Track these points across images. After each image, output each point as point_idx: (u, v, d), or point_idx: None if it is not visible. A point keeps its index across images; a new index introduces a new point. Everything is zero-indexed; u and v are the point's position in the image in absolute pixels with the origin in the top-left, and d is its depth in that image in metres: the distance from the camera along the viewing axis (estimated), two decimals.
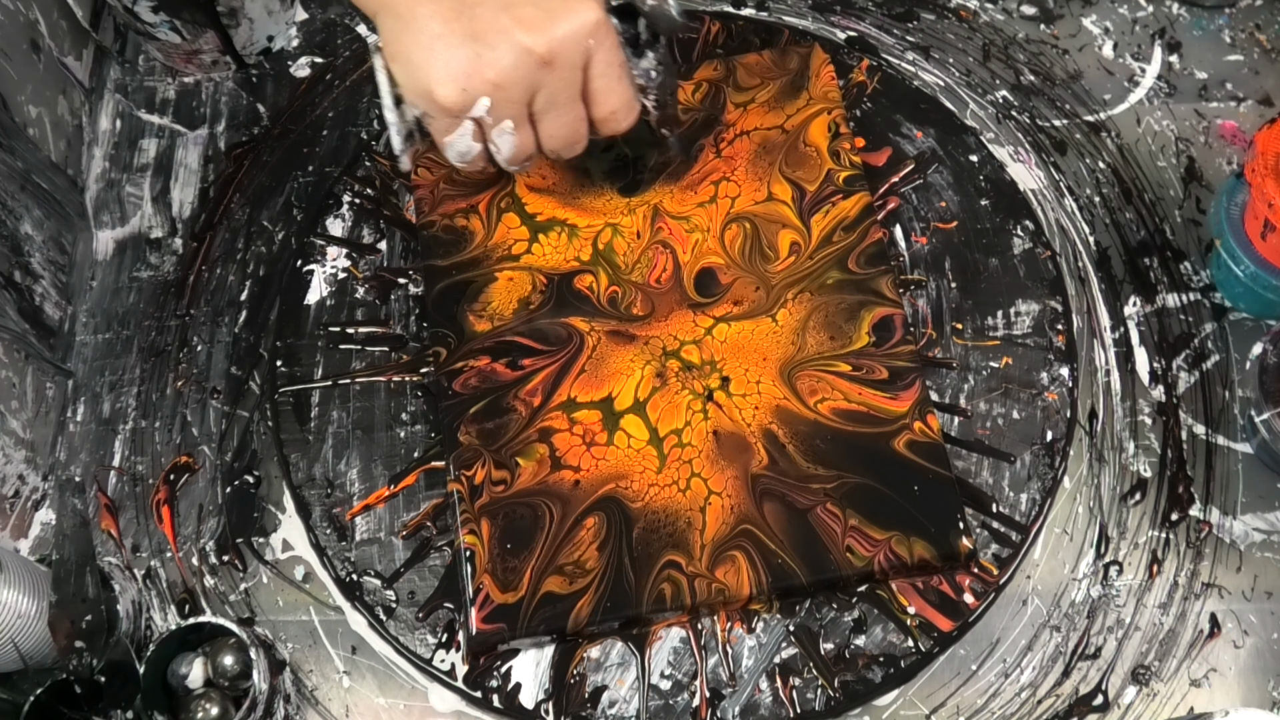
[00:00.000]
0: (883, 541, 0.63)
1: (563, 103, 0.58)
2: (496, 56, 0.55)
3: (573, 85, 0.57)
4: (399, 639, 0.65)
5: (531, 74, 0.55)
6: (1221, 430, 0.67)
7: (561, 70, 0.56)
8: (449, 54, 0.55)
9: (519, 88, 0.56)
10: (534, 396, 0.67)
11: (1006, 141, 0.76)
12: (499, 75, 0.55)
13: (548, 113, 0.58)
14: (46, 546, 0.68)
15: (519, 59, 0.55)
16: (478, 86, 0.55)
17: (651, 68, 0.62)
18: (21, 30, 0.74)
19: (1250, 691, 0.62)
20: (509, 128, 0.57)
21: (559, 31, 0.55)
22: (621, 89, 0.59)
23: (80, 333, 0.74)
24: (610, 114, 0.60)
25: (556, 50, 0.55)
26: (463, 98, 0.55)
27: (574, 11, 0.55)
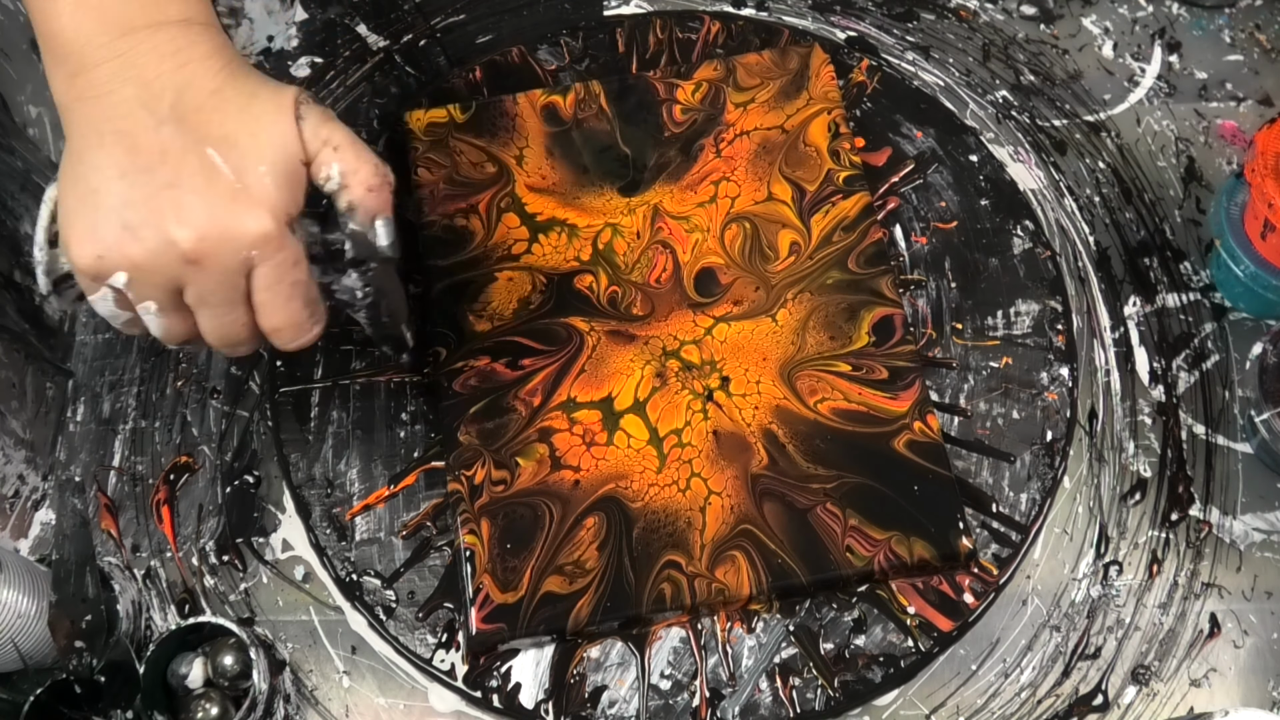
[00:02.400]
0: (883, 541, 0.63)
1: (216, 304, 0.51)
2: (141, 237, 0.48)
3: (226, 289, 0.51)
4: (399, 639, 0.65)
5: (175, 267, 0.49)
6: (1221, 430, 0.67)
7: (211, 273, 0.50)
8: (96, 215, 0.49)
9: (160, 275, 0.50)
10: (534, 396, 0.67)
11: (1006, 141, 0.76)
12: (139, 258, 0.49)
13: (199, 309, 0.52)
14: (46, 546, 0.68)
15: (162, 248, 0.49)
16: (114, 261, 0.49)
17: (356, 287, 0.54)
18: (21, 30, 0.74)
19: (1250, 691, 0.62)
20: (152, 309, 0.51)
21: (213, 232, 0.49)
22: (289, 309, 0.52)
23: (80, 333, 0.74)
24: (274, 330, 0.53)
25: (206, 252, 0.49)
26: (97, 265, 0.49)
27: (238, 214, 0.49)
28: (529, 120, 0.75)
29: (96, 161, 0.49)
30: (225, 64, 0.51)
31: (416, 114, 0.76)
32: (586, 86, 0.76)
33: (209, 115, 0.50)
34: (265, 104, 0.51)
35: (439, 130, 0.75)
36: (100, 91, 0.49)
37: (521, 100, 0.76)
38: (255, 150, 0.50)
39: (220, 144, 0.49)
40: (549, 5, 0.82)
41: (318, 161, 0.52)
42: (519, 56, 0.80)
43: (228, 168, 0.49)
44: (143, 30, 0.49)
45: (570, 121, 0.75)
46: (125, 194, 0.49)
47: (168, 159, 0.49)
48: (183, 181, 0.49)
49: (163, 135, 0.49)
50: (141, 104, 0.49)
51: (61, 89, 0.50)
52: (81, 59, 0.49)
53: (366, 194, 0.53)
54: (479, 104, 0.76)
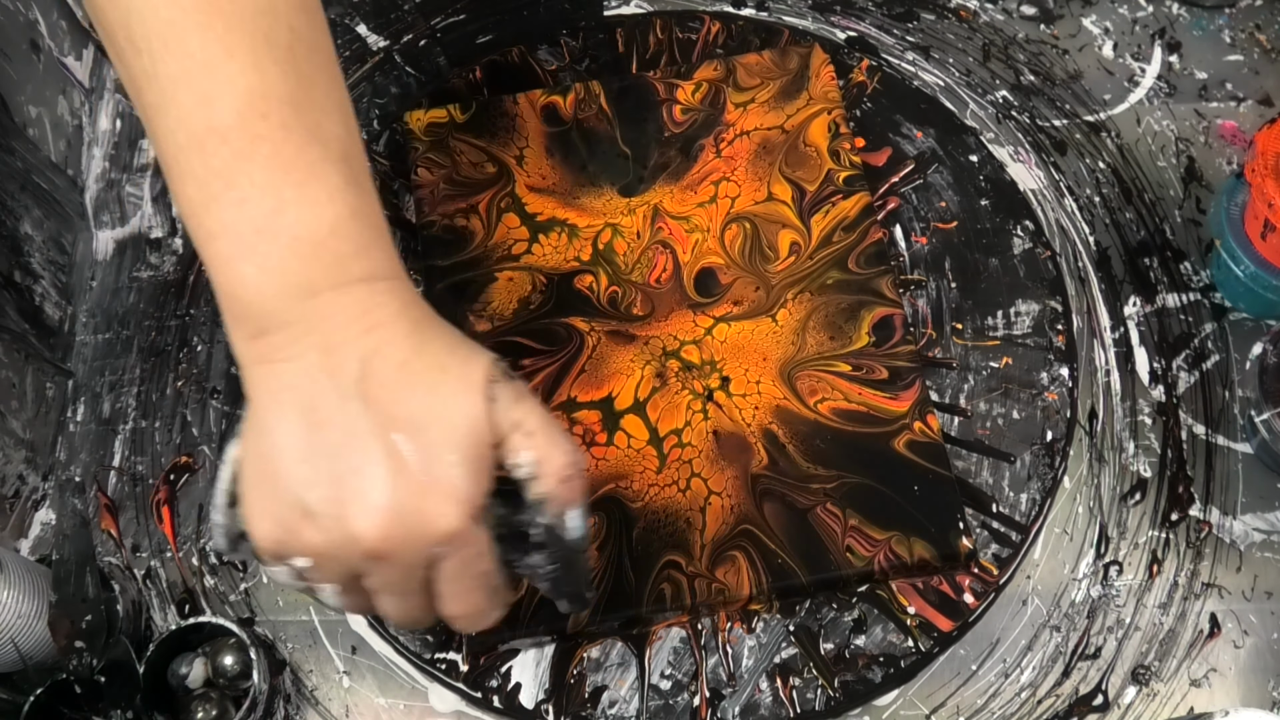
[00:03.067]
0: (883, 541, 0.63)
1: (397, 592, 0.48)
2: (324, 528, 0.45)
3: (408, 580, 0.48)
4: (399, 639, 0.65)
5: (355, 560, 0.46)
6: (1221, 430, 0.67)
7: (394, 567, 0.46)
8: (277, 496, 0.46)
9: (341, 565, 0.47)
10: None
11: (1006, 141, 0.76)
12: (320, 547, 0.46)
13: (379, 594, 0.49)
14: (46, 546, 0.68)
15: (344, 541, 0.45)
16: (295, 546, 0.46)
17: (542, 564, 0.51)
18: (21, 30, 0.74)
19: (1250, 691, 0.62)
20: (328, 591, 0.48)
21: (398, 530, 0.45)
22: (471, 599, 0.49)
23: (80, 333, 0.74)
24: (455, 618, 0.50)
25: (390, 550, 0.45)
26: (276, 548, 0.47)
27: (426, 511, 0.45)
28: (529, 120, 0.75)
29: (279, 435, 0.46)
30: (413, 326, 0.47)
31: (416, 114, 0.76)
32: (586, 86, 0.76)
33: (395, 393, 0.46)
34: (455, 383, 0.47)
35: (439, 130, 0.75)
36: (282, 356, 0.46)
37: (521, 100, 0.76)
38: (444, 437, 0.46)
39: (407, 427, 0.45)
40: (549, 5, 0.82)
41: (509, 446, 0.48)
42: (519, 56, 0.80)
43: (415, 457, 0.45)
44: (327, 293, 0.46)
45: (570, 121, 0.75)
46: (308, 476, 0.45)
47: (353, 441, 0.45)
48: (367, 470, 0.45)
49: (348, 413, 0.45)
50: (326, 373, 0.45)
51: (241, 348, 0.47)
52: (262, 321, 0.46)
53: (559, 485, 0.49)
54: (479, 104, 0.76)
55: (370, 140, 0.78)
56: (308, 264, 0.46)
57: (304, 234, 0.45)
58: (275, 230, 0.45)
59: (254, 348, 0.46)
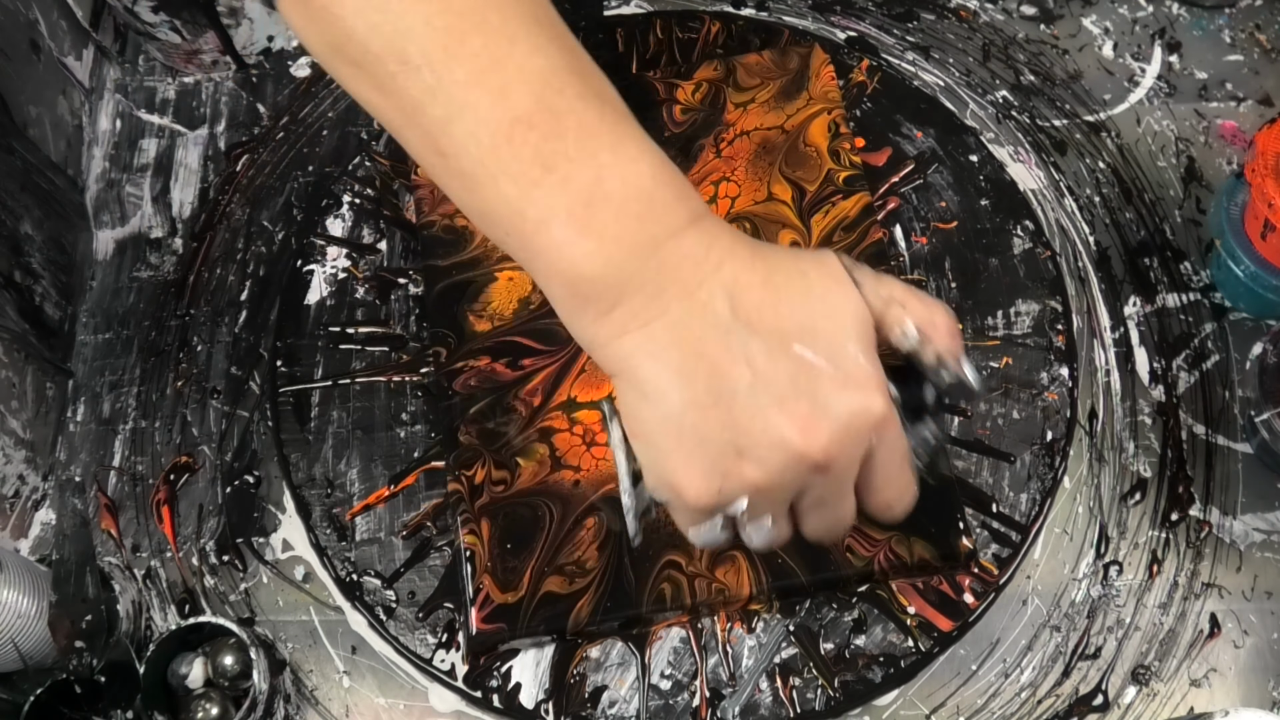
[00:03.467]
0: (883, 541, 0.63)
1: (833, 501, 0.48)
2: (761, 457, 0.45)
3: (847, 483, 0.47)
4: (399, 639, 0.65)
5: (801, 478, 0.46)
6: (1221, 430, 0.67)
7: (837, 473, 0.46)
8: (702, 450, 0.45)
9: (785, 490, 0.46)
10: (534, 396, 0.67)
11: (1006, 141, 0.76)
12: (762, 479, 0.45)
13: (814, 509, 0.48)
14: (46, 546, 0.68)
15: (787, 464, 0.45)
16: (735, 489, 0.46)
17: (930, 434, 0.51)
18: (21, 30, 0.74)
19: (1250, 691, 0.62)
20: (767, 523, 0.48)
21: (838, 432, 0.45)
22: (901, 480, 0.49)
23: (80, 333, 0.74)
24: (885, 504, 0.50)
25: (834, 454, 0.45)
26: (717, 499, 0.46)
27: (855, 405, 0.45)
28: None
29: (676, 390, 0.45)
30: (752, 250, 0.47)
31: None
32: None
33: (774, 310, 0.45)
34: (823, 281, 0.46)
35: None
36: (645, 318, 0.45)
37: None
38: (838, 331, 0.45)
39: (801, 335, 0.45)
40: None
41: (888, 321, 0.48)
42: None
43: (821, 359, 0.45)
44: (668, 243, 0.45)
45: None
46: (726, 418, 0.44)
47: (756, 368, 0.44)
48: (783, 388, 0.44)
49: (736, 344, 0.45)
50: (699, 317, 0.45)
51: (595, 330, 0.46)
52: (615, 292, 0.45)
53: (950, 339, 0.49)
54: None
55: (370, 140, 0.78)
56: (643, 221, 0.45)
57: (631, 193, 0.45)
58: (605, 197, 0.44)
59: (611, 323, 0.45)
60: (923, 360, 0.49)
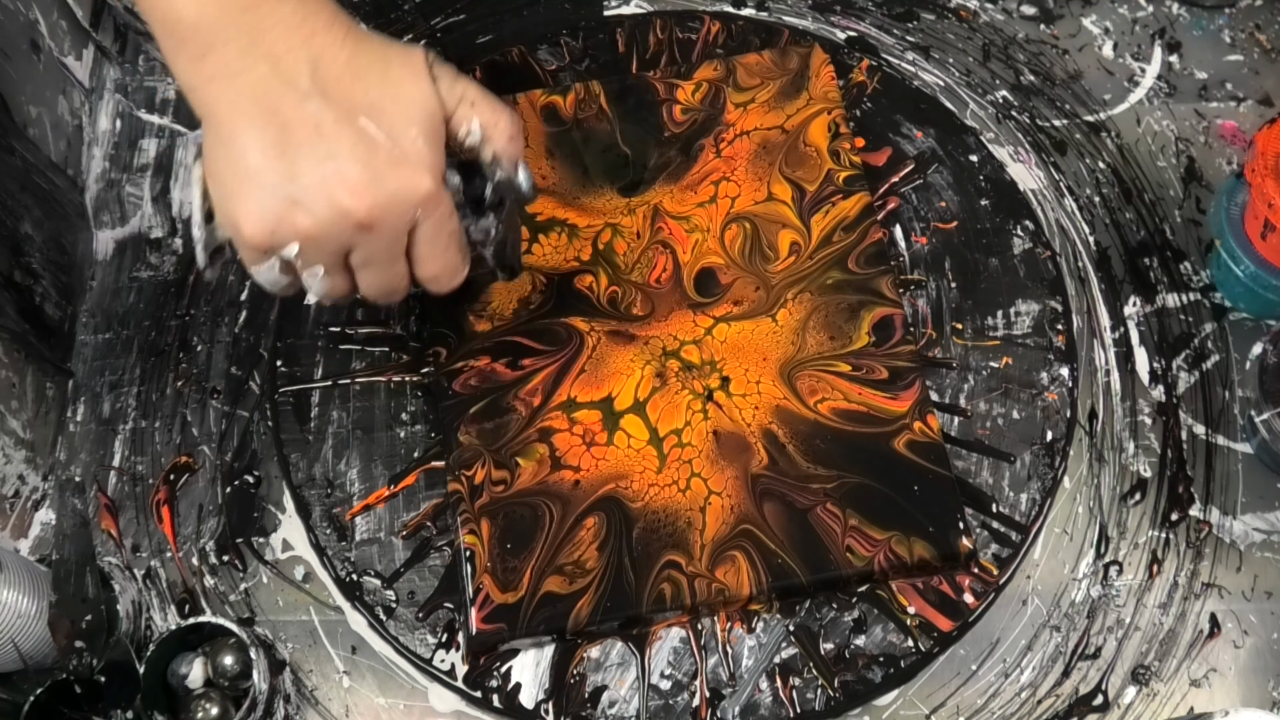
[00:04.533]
0: (883, 541, 0.63)
1: (381, 261, 0.54)
2: (312, 209, 0.51)
3: (393, 247, 0.54)
4: (399, 639, 0.65)
5: (347, 234, 0.52)
6: (1221, 430, 0.67)
7: (381, 235, 0.52)
8: (262, 193, 0.51)
9: (332, 243, 0.52)
10: (534, 396, 0.67)
11: (1006, 141, 0.76)
12: (312, 229, 0.51)
13: (364, 268, 0.55)
14: (46, 546, 0.68)
15: (335, 219, 0.51)
16: (287, 233, 0.51)
17: (491, 226, 0.58)
18: (21, 30, 0.74)
19: (1250, 691, 0.62)
20: (319, 272, 0.54)
21: (382, 198, 0.51)
22: (447, 256, 0.56)
23: (80, 333, 0.74)
24: (432, 278, 0.56)
25: (377, 217, 0.51)
26: (270, 240, 0.52)
27: (403, 179, 0.51)
28: (529, 120, 0.75)
29: (249, 140, 0.50)
30: (347, 30, 0.52)
31: None
32: (586, 86, 0.76)
33: (351, 85, 0.51)
34: (402, 68, 0.52)
35: None
36: (233, 70, 0.50)
37: (521, 100, 0.76)
38: (403, 114, 0.52)
39: (369, 112, 0.51)
40: (549, 5, 0.82)
41: (457, 118, 0.54)
42: (519, 56, 0.80)
43: (383, 135, 0.51)
44: (264, 4, 0.50)
45: (570, 121, 0.75)
46: (288, 170, 0.50)
47: (322, 132, 0.50)
48: (343, 153, 0.50)
49: (311, 109, 0.50)
50: (281, 79, 0.50)
51: (187, 71, 0.51)
52: (208, 39, 0.50)
53: (509, 143, 0.55)
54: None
55: None
56: None
57: None
58: None
59: (202, 68, 0.50)
60: (481, 157, 0.55)
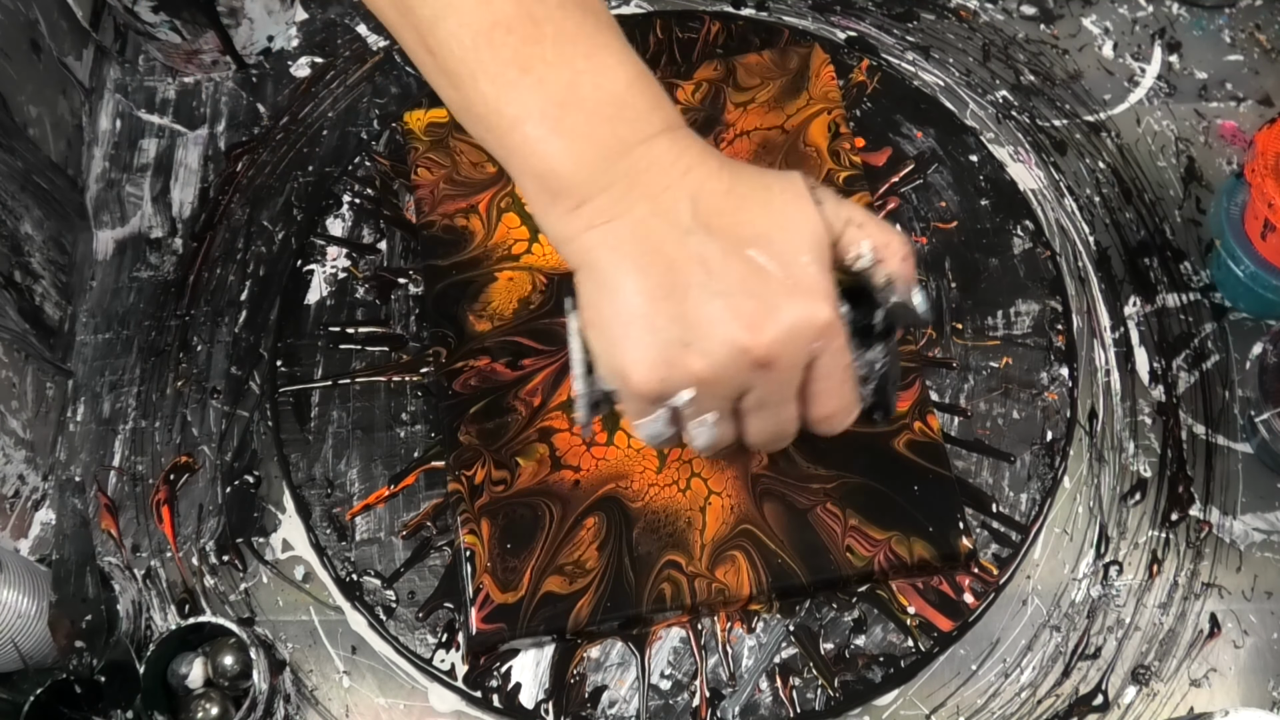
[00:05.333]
0: (883, 541, 0.63)
1: (776, 404, 0.50)
2: (706, 350, 0.47)
3: (789, 386, 0.49)
4: (399, 639, 0.65)
5: (744, 374, 0.48)
6: (1221, 430, 0.67)
7: (779, 372, 0.48)
8: (650, 338, 0.47)
9: (728, 386, 0.48)
10: (534, 396, 0.67)
11: (1006, 141, 0.76)
12: (706, 372, 0.47)
13: (757, 411, 0.51)
14: (46, 546, 0.68)
15: (732, 358, 0.47)
16: (680, 379, 0.48)
17: (877, 360, 0.53)
18: (21, 30, 0.74)
19: (1250, 691, 0.62)
20: (710, 420, 0.50)
21: (782, 333, 0.47)
22: (844, 392, 0.51)
23: (80, 333, 0.74)
24: (827, 417, 0.52)
25: (777, 353, 0.47)
26: (661, 387, 0.48)
27: (800, 310, 0.47)
28: None
29: (632, 283, 0.47)
30: (720, 162, 0.49)
31: (416, 114, 0.76)
32: None
33: (734, 216, 0.48)
34: (784, 193, 0.49)
35: (439, 130, 0.75)
36: (611, 215, 0.48)
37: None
38: (792, 242, 0.48)
39: (756, 242, 0.48)
40: None
41: (844, 241, 0.50)
42: None
43: (774, 265, 0.47)
44: (638, 148, 0.48)
45: None
46: (677, 311, 0.47)
47: (710, 268, 0.47)
48: (734, 287, 0.47)
49: (695, 244, 0.47)
50: (661, 217, 0.48)
51: (563, 224, 0.49)
52: (583, 190, 0.48)
53: (903, 264, 0.51)
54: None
55: (370, 140, 0.78)
56: (614, 124, 0.48)
57: (605, 97, 0.48)
58: (578, 100, 0.47)
59: (579, 218, 0.48)
60: (873, 281, 0.51)
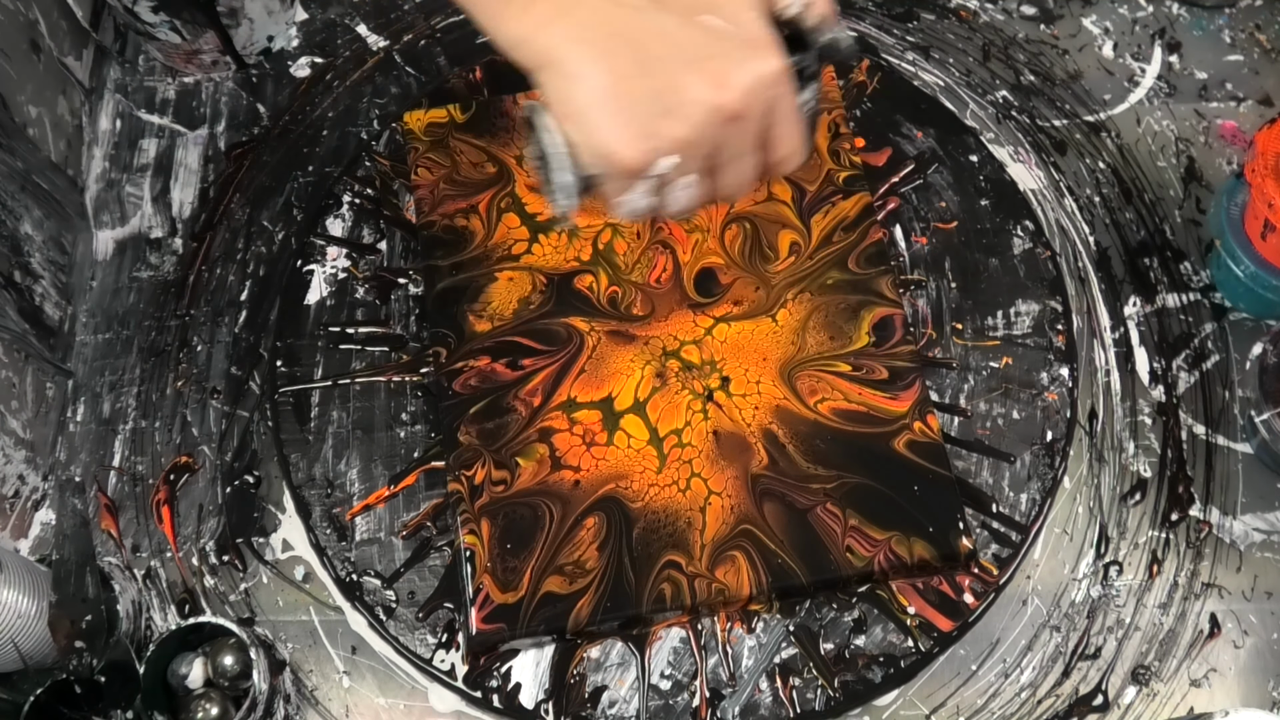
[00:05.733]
0: (883, 541, 0.63)
1: (745, 153, 0.54)
2: (685, 115, 0.51)
3: (755, 136, 0.54)
4: (399, 639, 0.65)
5: (719, 130, 0.52)
6: (1221, 430, 0.67)
7: (748, 124, 0.52)
8: (631, 112, 0.51)
9: (708, 144, 0.52)
10: (534, 396, 0.67)
11: (1006, 141, 0.76)
12: (688, 134, 0.51)
13: (729, 164, 0.54)
14: (46, 546, 0.68)
15: (708, 117, 0.51)
16: (663, 147, 0.51)
17: (809, 101, 0.57)
18: (21, 30, 0.74)
19: (1250, 691, 0.62)
20: (690, 182, 0.54)
21: (748, 86, 0.51)
22: (797, 132, 0.55)
23: (80, 333, 0.74)
24: (784, 158, 0.55)
25: (747, 105, 0.51)
26: (646, 158, 0.51)
27: (760, 62, 0.51)
28: None
29: (601, 69, 0.50)
30: None
31: (416, 114, 0.76)
32: None
33: None
34: None
35: (439, 130, 0.75)
36: (563, 8, 0.51)
37: (522, 100, 0.76)
38: (737, 2, 0.52)
39: (707, 8, 0.52)
40: None
41: None
42: None
43: (728, 26, 0.52)
44: None
45: None
46: (649, 85, 0.50)
47: (671, 39, 0.51)
48: (698, 53, 0.51)
49: (651, 21, 0.51)
50: (613, 3, 0.51)
51: (515, 26, 0.52)
52: None
53: (826, 5, 0.55)
54: (479, 104, 0.76)
55: (370, 140, 0.78)
56: None
57: None
58: None
59: (532, 17, 0.51)
60: (805, 25, 0.54)
